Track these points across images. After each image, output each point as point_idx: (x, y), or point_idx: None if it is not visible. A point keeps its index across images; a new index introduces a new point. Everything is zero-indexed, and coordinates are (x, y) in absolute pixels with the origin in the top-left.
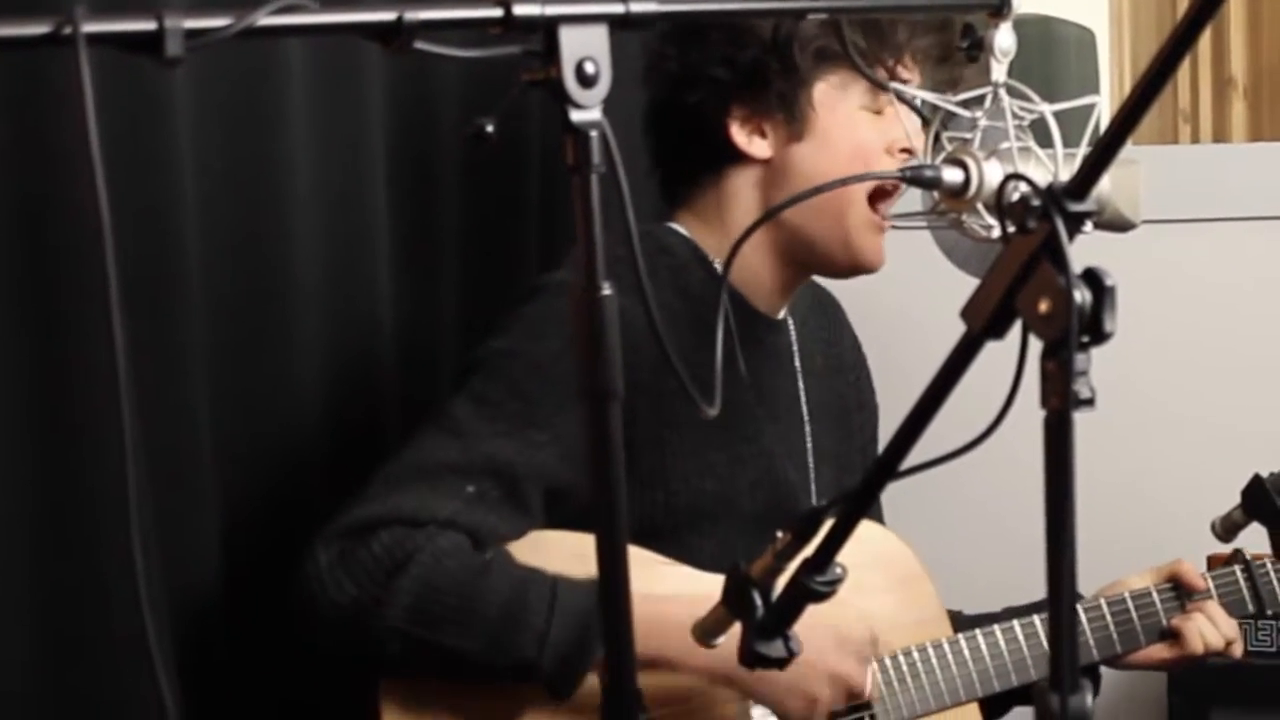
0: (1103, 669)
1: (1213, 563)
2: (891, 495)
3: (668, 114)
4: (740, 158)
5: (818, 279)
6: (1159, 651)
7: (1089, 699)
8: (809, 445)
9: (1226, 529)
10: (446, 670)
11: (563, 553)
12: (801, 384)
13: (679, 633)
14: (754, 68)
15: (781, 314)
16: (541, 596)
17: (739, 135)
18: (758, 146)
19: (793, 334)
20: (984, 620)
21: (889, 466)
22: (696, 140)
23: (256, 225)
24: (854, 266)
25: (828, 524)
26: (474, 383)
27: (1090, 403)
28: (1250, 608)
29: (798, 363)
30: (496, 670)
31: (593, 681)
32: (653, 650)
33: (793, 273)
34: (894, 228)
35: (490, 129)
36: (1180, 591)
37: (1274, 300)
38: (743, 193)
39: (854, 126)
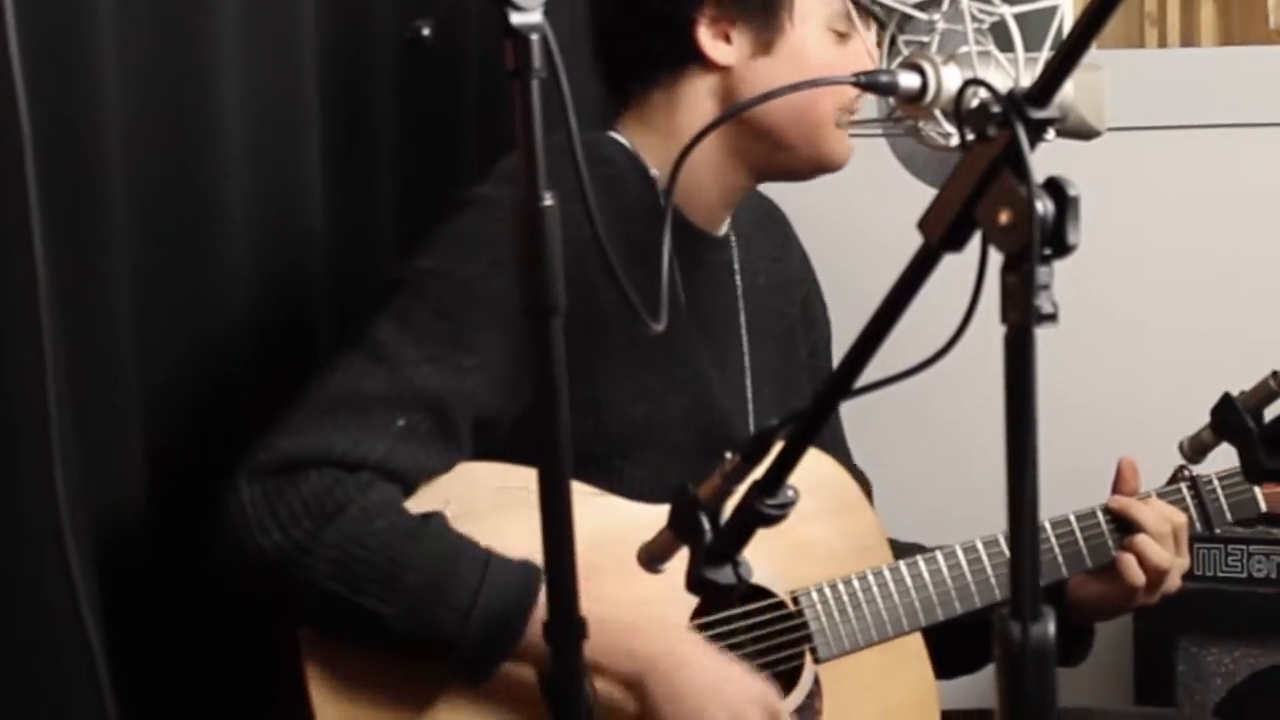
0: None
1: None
2: (847, 419)
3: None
4: (700, 61)
5: (762, 190)
6: (1113, 587)
7: (1051, 627)
8: (747, 368)
9: (1195, 450)
10: (362, 633)
11: (489, 484)
12: (741, 304)
13: (597, 632)
14: None
15: (723, 230)
16: (472, 571)
17: (704, 35)
18: (721, 52)
19: (734, 250)
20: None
21: (841, 385)
22: (658, 32)
23: (183, 134)
24: (823, 167)
25: (778, 445)
26: (397, 303)
27: (1053, 318)
28: (1198, 526)
29: (738, 280)
30: (413, 641)
31: (513, 670)
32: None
33: (745, 180)
34: (850, 135)
35: (427, 33)
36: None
37: (1244, 210)
38: (696, 100)
39: (822, 47)
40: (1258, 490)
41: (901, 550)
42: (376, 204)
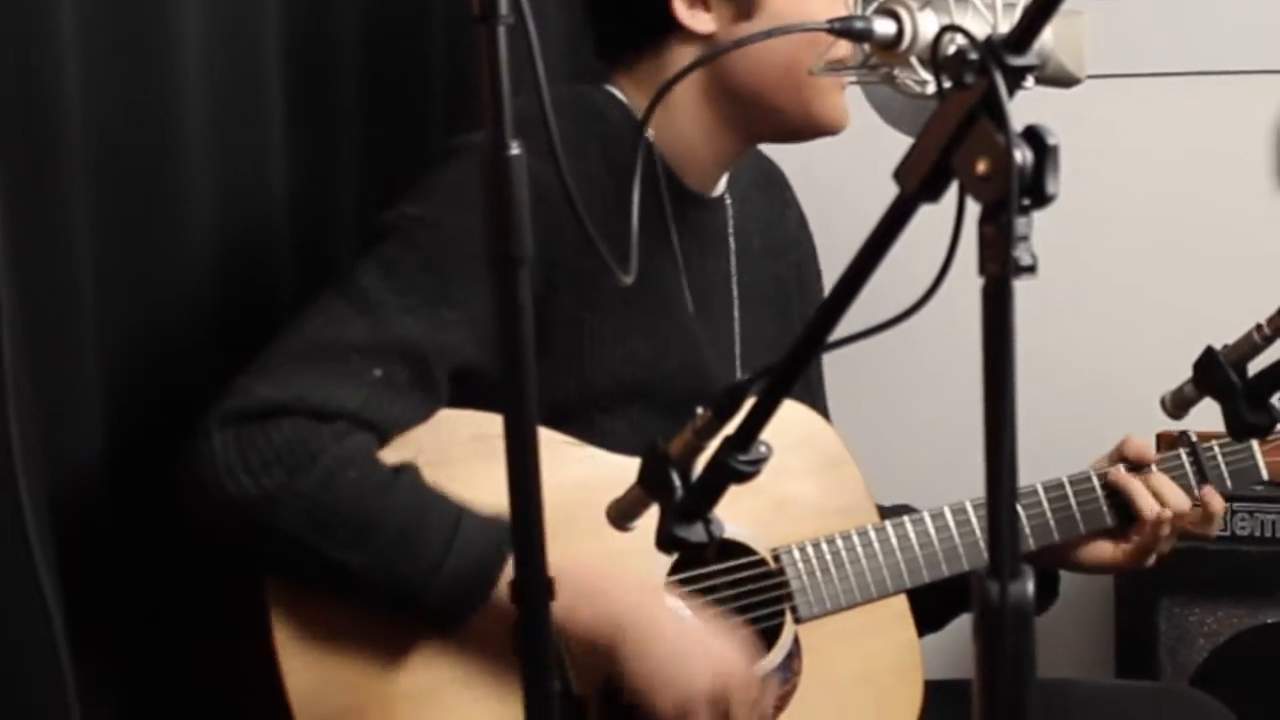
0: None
1: (1162, 442)
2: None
3: None
4: (681, 30)
5: (764, 149)
6: (1110, 549)
7: (1030, 587)
8: (737, 333)
9: (1177, 405)
10: (329, 583)
11: (464, 433)
12: (734, 267)
13: (568, 590)
14: None
15: (718, 190)
16: (443, 527)
17: (680, 7)
18: (701, 20)
19: (729, 212)
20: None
21: (815, 339)
22: (638, 5)
23: (143, 95)
24: (817, 129)
25: (752, 400)
26: (385, 250)
27: (1031, 270)
28: (1196, 493)
29: (732, 244)
30: (381, 595)
31: (485, 620)
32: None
33: (738, 144)
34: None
35: None
36: (1129, 469)
37: (1230, 161)
38: (683, 67)
39: (804, 4)
40: (1260, 457)
41: (889, 514)
42: (340, 163)
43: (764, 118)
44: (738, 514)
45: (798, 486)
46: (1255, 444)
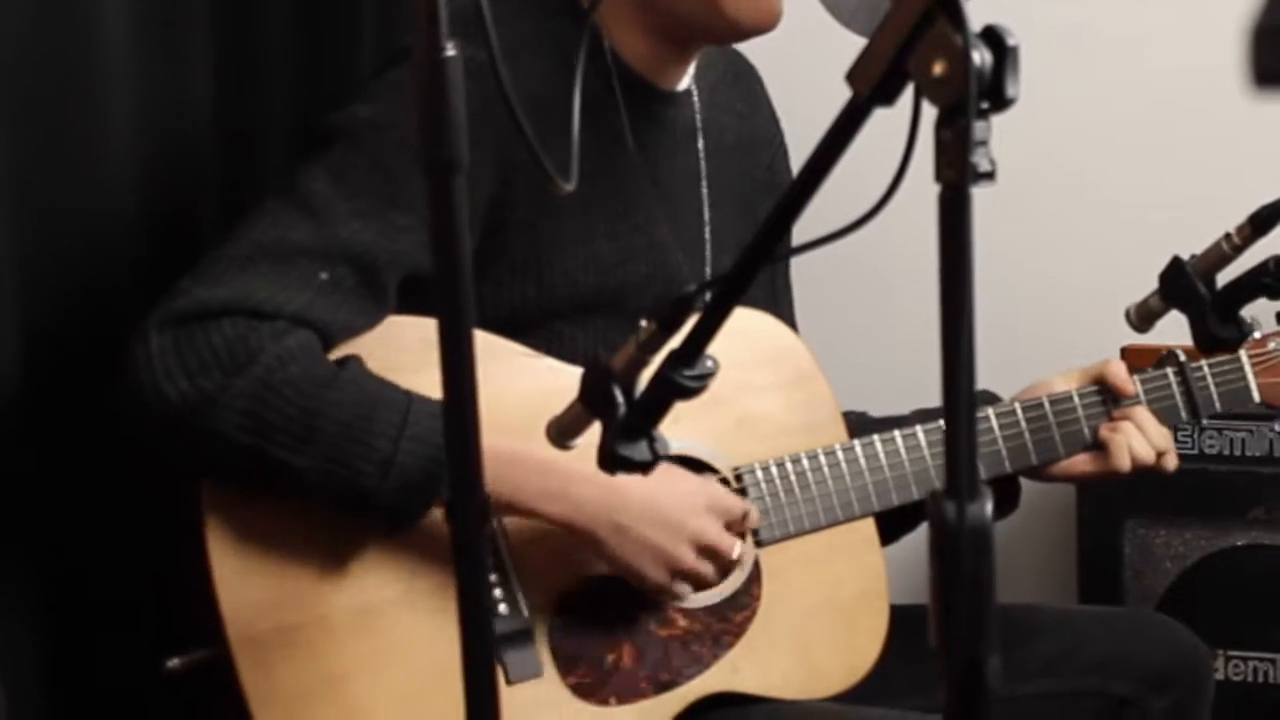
0: (1022, 483)
1: (1129, 355)
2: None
3: None
4: None
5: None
6: (1081, 464)
7: (989, 507)
8: (707, 232)
9: (1142, 317)
10: (275, 486)
11: (414, 339)
12: (703, 164)
13: (540, 475)
14: None
15: (682, 85)
16: (391, 420)
17: None
18: None
19: (696, 106)
20: (888, 425)
21: (765, 248)
22: None
23: (64, 14)
24: (738, 28)
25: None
26: (333, 153)
27: (990, 176)
28: (1184, 415)
29: (700, 140)
30: (329, 494)
31: (428, 525)
32: (507, 493)
33: (677, 47)
34: None
35: None
36: (1107, 396)
37: (1195, 63)
38: None
39: None
40: (1251, 377)
41: (863, 425)
42: (268, 69)
43: (676, 19)
44: (699, 430)
45: (763, 402)
46: (1247, 363)
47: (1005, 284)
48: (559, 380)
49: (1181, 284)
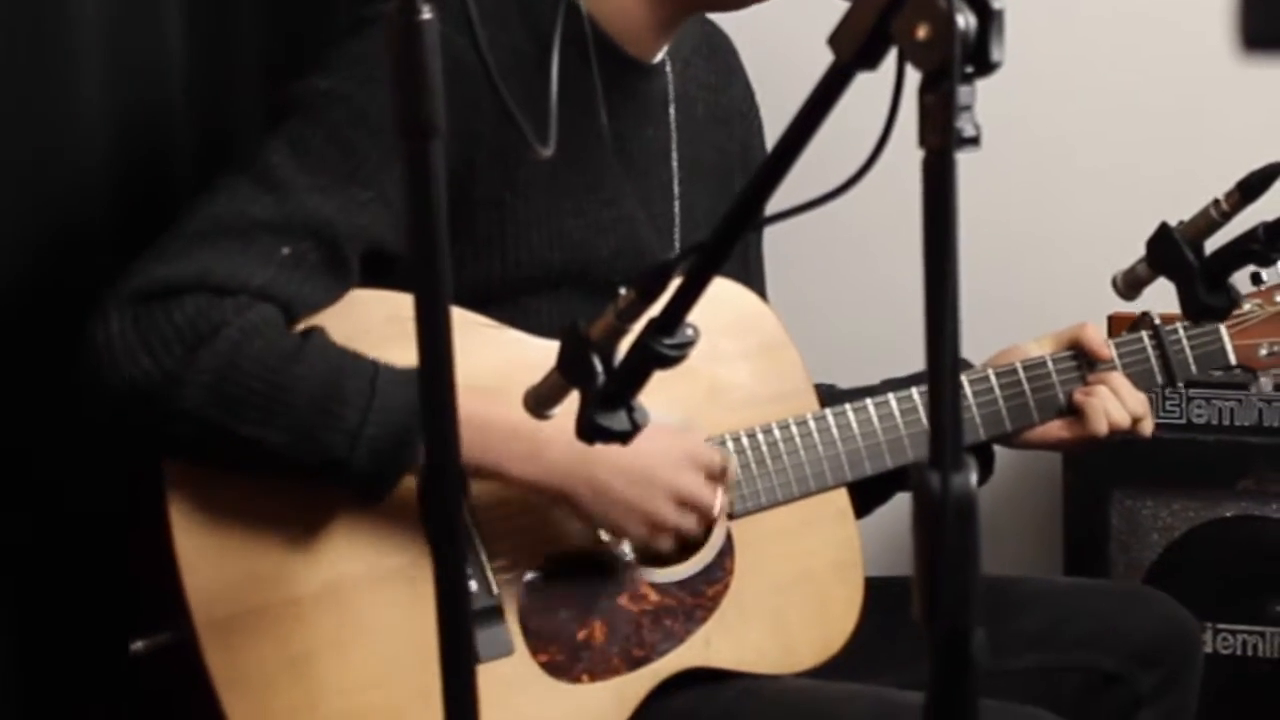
0: (996, 450)
1: (1115, 324)
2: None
3: None
4: None
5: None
6: (1057, 430)
7: (973, 478)
8: (676, 207)
9: (1129, 285)
10: (243, 463)
11: (378, 314)
12: (675, 137)
13: (510, 439)
14: None
15: (658, 57)
16: (360, 389)
17: None
18: None
19: (669, 79)
20: (857, 395)
21: (745, 214)
22: None
23: None
24: None
25: (678, 279)
26: (292, 126)
27: (975, 141)
28: (1159, 379)
29: (672, 113)
30: (300, 468)
31: (397, 499)
32: (476, 457)
33: (670, 10)
34: None
35: None
36: (1082, 361)
37: (1185, 28)
38: None
39: None
40: (1227, 340)
41: (833, 397)
42: (239, 33)
43: None
44: (668, 400)
45: (732, 371)
46: (1222, 325)
47: (990, 251)
48: (525, 352)
49: (1169, 251)
